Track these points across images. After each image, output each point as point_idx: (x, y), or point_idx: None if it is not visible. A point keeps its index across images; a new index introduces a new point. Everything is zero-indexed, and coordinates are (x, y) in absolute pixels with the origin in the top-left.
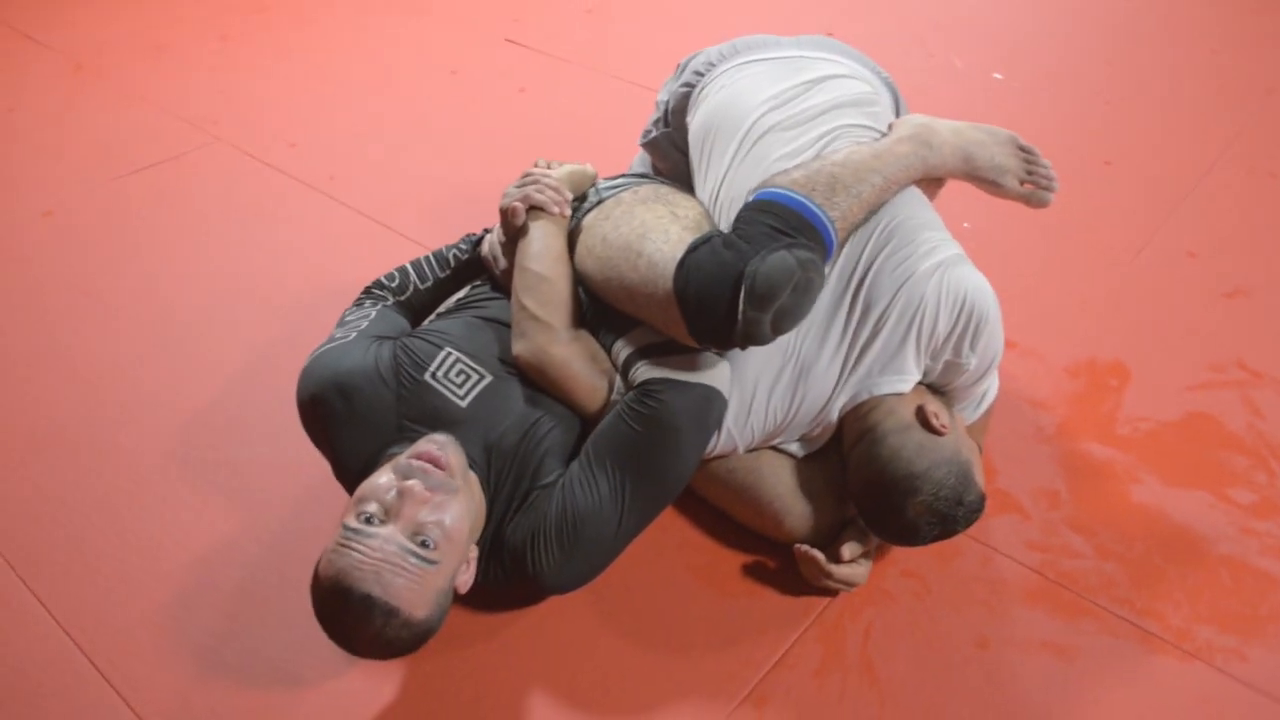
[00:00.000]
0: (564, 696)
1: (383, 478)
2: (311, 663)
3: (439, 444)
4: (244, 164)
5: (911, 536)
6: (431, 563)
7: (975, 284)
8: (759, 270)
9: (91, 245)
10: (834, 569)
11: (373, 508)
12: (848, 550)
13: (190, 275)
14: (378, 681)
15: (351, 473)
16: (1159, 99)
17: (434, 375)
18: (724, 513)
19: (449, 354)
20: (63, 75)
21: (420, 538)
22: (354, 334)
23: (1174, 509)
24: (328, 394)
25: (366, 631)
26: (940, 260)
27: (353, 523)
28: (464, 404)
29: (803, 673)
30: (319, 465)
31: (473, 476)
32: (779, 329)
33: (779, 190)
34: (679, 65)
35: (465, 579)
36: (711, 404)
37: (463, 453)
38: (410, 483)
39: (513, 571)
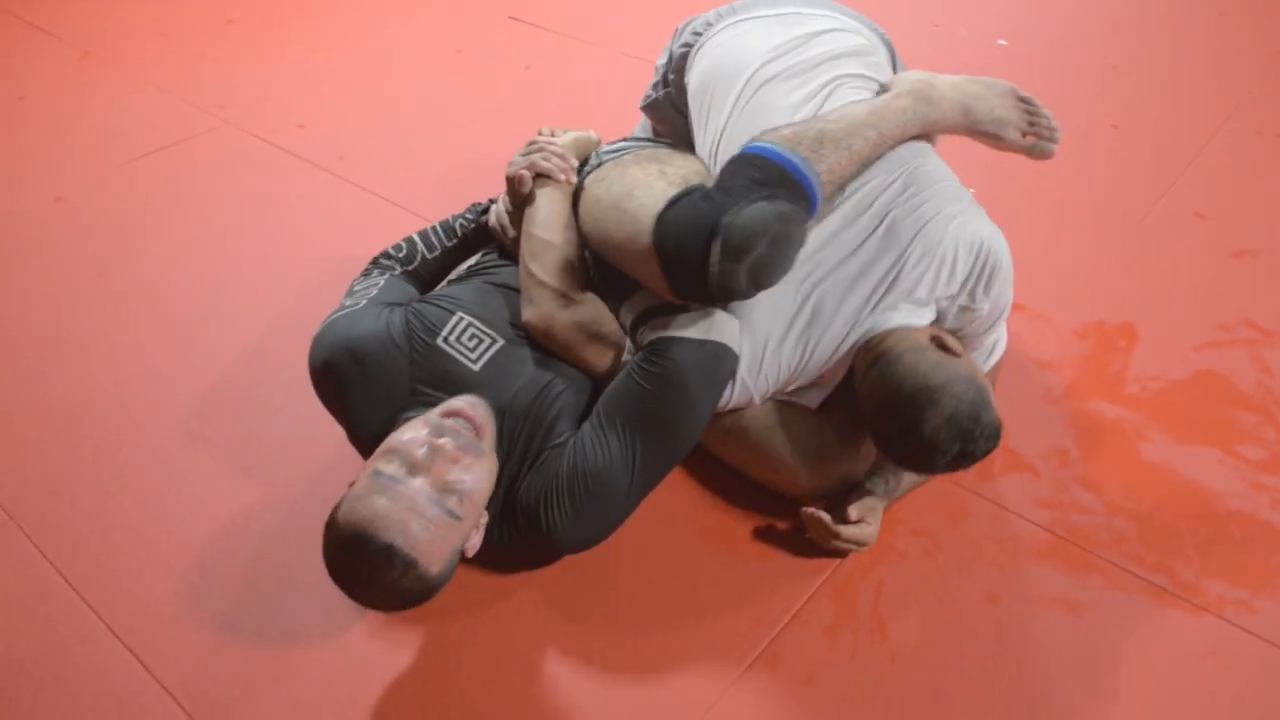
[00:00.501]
0: (578, 658)
1: (412, 432)
2: (328, 628)
3: (470, 403)
4: (252, 146)
5: (930, 453)
6: (457, 518)
7: (991, 230)
8: (734, 222)
9: (103, 229)
10: (842, 529)
11: (400, 460)
12: (855, 510)
13: (201, 256)
14: (393, 646)
15: (365, 438)
16: (1165, 62)
17: (446, 339)
18: (738, 471)
19: (461, 318)
20: (70, 62)
21: (447, 495)
22: (364, 301)
23: (1184, 466)
24: (340, 359)
25: (382, 580)
26: (957, 208)
27: (386, 468)
28: (476, 367)
29: (815, 631)
30: (331, 438)
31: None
32: (758, 282)
33: (763, 144)
34: (676, 29)
35: (474, 542)
36: (721, 360)
37: (491, 416)
38: (443, 440)
39: (526, 531)
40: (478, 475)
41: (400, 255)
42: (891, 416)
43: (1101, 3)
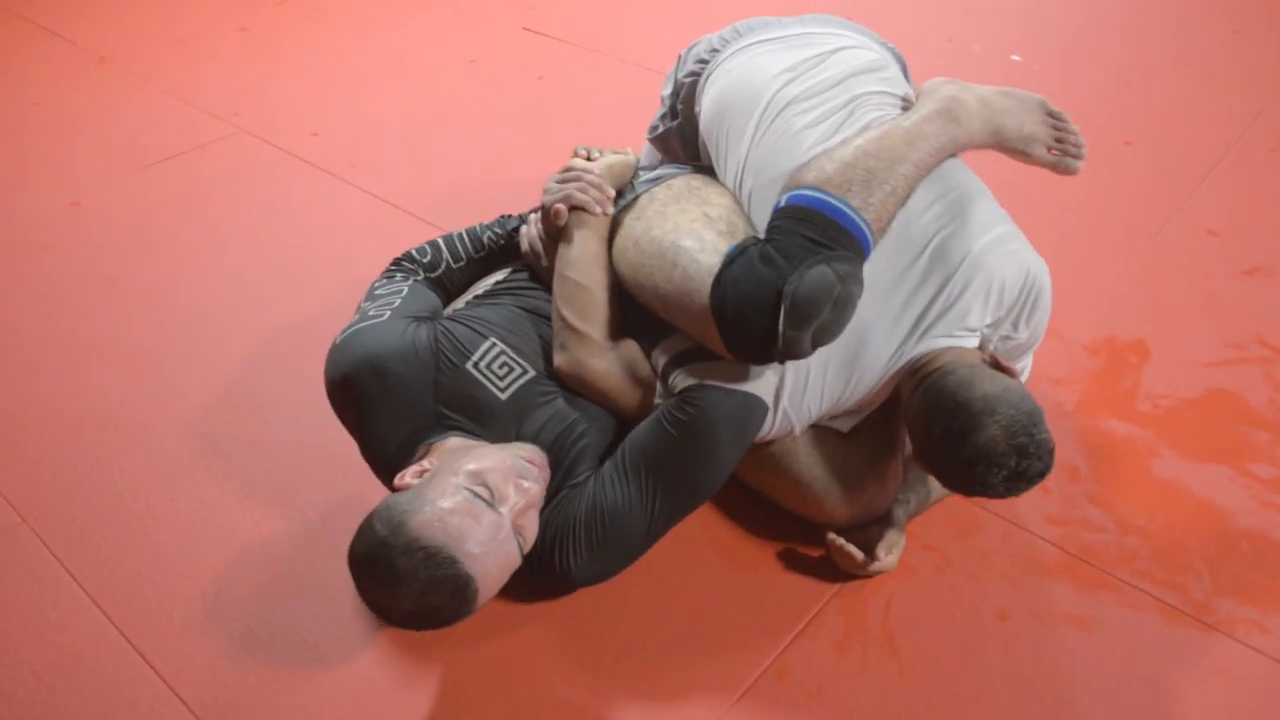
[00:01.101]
0: (587, 669)
1: (495, 461)
2: (340, 638)
3: (544, 460)
4: (266, 153)
5: (985, 467)
6: (521, 558)
7: (1039, 262)
8: (798, 289)
9: (118, 234)
10: (870, 565)
11: (484, 487)
12: (883, 549)
13: (214, 263)
14: (403, 659)
15: (381, 457)
16: (1179, 78)
17: (476, 365)
18: (764, 496)
19: (493, 344)
20: (86, 69)
21: (517, 536)
22: (388, 312)
23: (1194, 483)
24: (361, 375)
25: (429, 601)
26: (1004, 232)
27: (481, 491)
28: (503, 396)
29: (824, 644)
30: (342, 447)
31: None
32: (820, 343)
33: (814, 194)
34: (679, 56)
35: None
36: (752, 412)
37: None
38: (529, 484)
39: (540, 569)
40: (536, 528)
41: (425, 260)
42: (945, 426)
43: (1115, 19)
